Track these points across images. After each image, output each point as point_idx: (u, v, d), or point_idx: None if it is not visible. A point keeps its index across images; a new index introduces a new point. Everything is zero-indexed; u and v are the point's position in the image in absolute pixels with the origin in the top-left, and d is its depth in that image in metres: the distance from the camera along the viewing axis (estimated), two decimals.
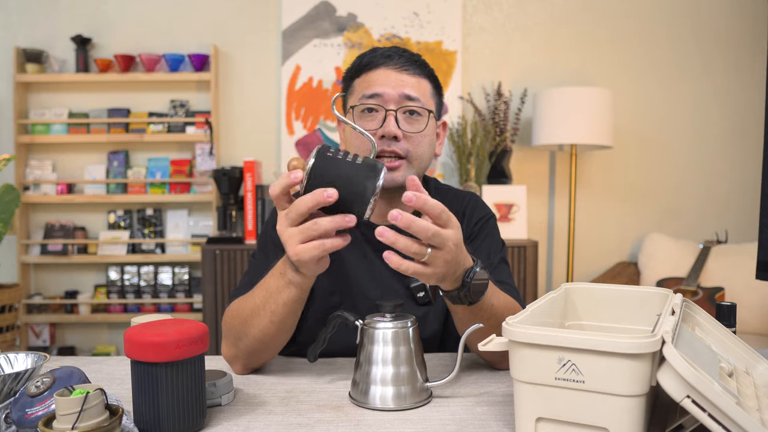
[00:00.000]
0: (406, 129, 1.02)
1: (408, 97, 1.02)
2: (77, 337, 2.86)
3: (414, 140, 1.03)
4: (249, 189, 2.57)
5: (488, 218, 1.16)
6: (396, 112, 1.01)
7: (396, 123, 1.01)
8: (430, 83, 1.08)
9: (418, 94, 1.03)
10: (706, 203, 2.89)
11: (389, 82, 1.03)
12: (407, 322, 0.80)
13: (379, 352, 0.78)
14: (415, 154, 1.03)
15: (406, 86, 1.02)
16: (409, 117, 1.03)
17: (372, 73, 1.05)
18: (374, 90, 1.02)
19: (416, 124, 1.03)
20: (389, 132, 1.00)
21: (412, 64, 1.05)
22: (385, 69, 1.04)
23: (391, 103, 1.02)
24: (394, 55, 1.05)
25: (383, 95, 1.02)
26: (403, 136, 1.01)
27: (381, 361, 0.77)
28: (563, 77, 2.84)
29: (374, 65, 1.05)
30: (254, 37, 2.83)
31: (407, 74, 1.04)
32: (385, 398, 0.76)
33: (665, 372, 0.56)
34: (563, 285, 0.88)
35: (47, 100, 2.83)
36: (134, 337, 0.65)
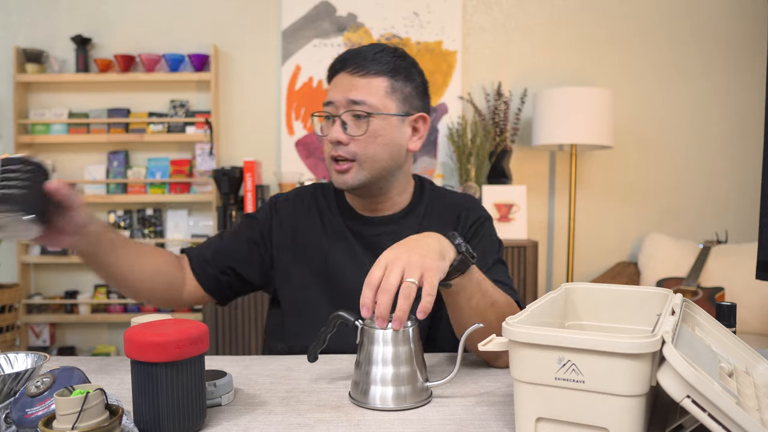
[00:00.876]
0: (353, 132, 1.04)
1: (353, 101, 1.03)
2: (77, 337, 2.86)
3: (361, 142, 1.04)
4: (249, 189, 2.57)
5: (483, 220, 1.16)
6: (341, 117, 1.04)
7: (342, 128, 1.04)
8: (388, 79, 1.06)
9: (365, 96, 1.03)
10: (706, 203, 2.89)
11: (340, 88, 1.05)
12: (407, 322, 0.80)
13: (379, 352, 0.78)
14: (364, 156, 1.04)
15: (353, 90, 1.04)
16: (356, 120, 1.04)
17: (333, 80, 1.09)
18: (328, 98, 1.07)
19: (363, 126, 1.04)
20: (332, 138, 1.04)
21: (366, 63, 1.05)
22: (342, 75, 1.07)
23: (340, 109, 1.05)
24: (350, 58, 1.06)
25: (334, 102, 1.05)
26: (348, 140, 1.04)
27: (381, 361, 0.77)
28: (563, 77, 2.84)
29: (334, 71, 1.09)
30: (254, 37, 2.83)
31: (359, 76, 1.05)
32: (385, 398, 0.76)
33: (665, 372, 0.56)
34: (563, 285, 0.88)
35: (47, 100, 2.83)
36: (134, 337, 0.65)
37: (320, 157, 2.85)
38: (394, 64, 1.07)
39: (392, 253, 0.80)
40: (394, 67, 1.07)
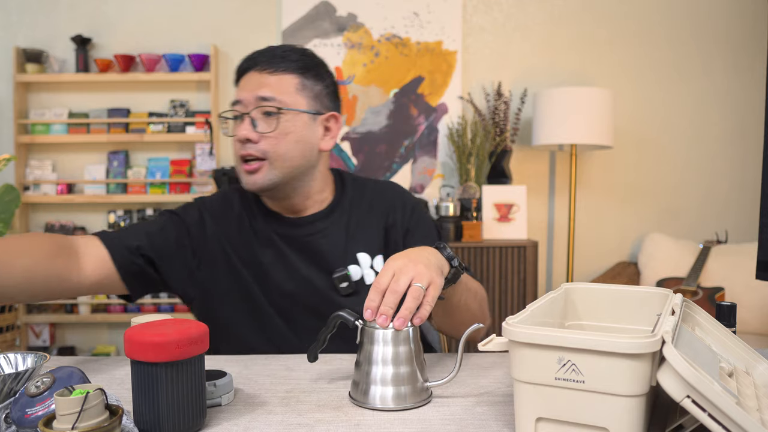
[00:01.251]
0: (262, 129, 1.01)
1: (262, 98, 1.01)
2: (77, 337, 2.86)
3: (271, 140, 1.02)
4: None
5: (418, 206, 1.17)
6: (250, 115, 1.02)
7: (252, 125, 1.01)
8: (297, 77, 1.05)
9: (275, 93, 1.02)
10: (706, 203, 2.89)
11: (250, 86, 1.03)
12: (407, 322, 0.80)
13: (379, 352, 0.77)
14: (275, 155, 1.02)
15: (262, 87, 1.02)
16: (267, 117, 1.02)
17: (242, 79, 1.06)
18: (236, 97, 1.04)
19: (273, 123, 1.02)
20: (241, 136, 1.01)
21: (275, 60, 1.04)
22: (250, 73, 1.04)
23: (248, 107, 1.02)
24: (258, 56, 1.05)
25: (242, 100, 1.03)
26: (258, 137, 1.01)
27: (381, 361, 0.77)
28: (563, 77, 2.84)
29: (242, 71, 1.06)
30: (254, 37, 2.83)
31: (268, 73, 1.03)
32: (385, 398, 0.76)
33: (665, 372, 0.56)
34: (563, 285, 0.88)
35: (47, 100, 2.83)
36: (134, 337, 0.65)
37: None
38: (304, 62, 1.06)
39: (399, 262, 0.81)
40: (304, 64, 1.06)
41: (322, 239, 1.09)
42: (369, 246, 1.11)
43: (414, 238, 1.12)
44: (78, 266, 0.96)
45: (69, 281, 0.95)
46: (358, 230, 1.11)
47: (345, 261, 1.09)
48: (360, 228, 1.12)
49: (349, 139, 2.86)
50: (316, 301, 1.07)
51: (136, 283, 1.05)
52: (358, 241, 1.10)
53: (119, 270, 1.01)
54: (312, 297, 1.07)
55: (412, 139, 2.86)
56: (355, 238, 1.11)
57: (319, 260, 1.08)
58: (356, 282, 1.08)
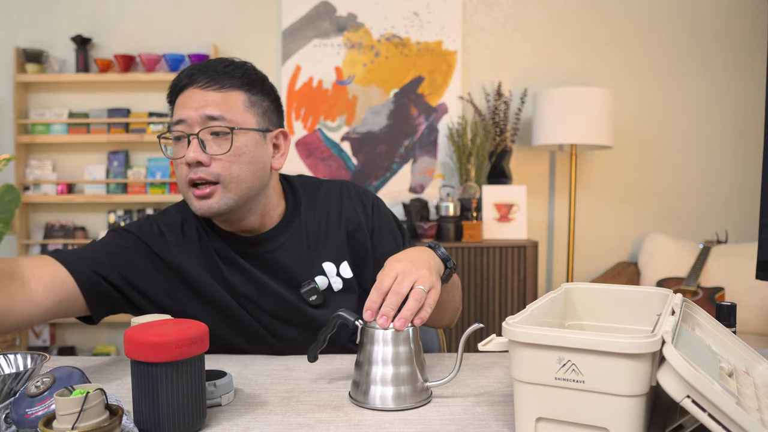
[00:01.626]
0: (213, 151, 0.94)
1: (210, 117, 0.94)
2: (77, 337, 2.86)
3: (224, 161, 0.95)
4: None
5: (377, 203, 1.15)
6: (198, 136, 0.94)
7: (201, 147, 0.94)
8: (244, 93, 0.99)
9: (222, 112, 0.95)
10: (706, 203, 2.89)
11: (193, 104, 0.95)
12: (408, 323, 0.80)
13: (379, 353, 0.77)
14: (229, 177, 0.95)
15: (207, 106, 0.95)
16: (216, 138, 0.95)
17: (181, 96, 0.98)
18: (178, 116, 0.96)
19: (224, 144, 0.95)
20: (191, 159, 0.93)
21: (218, 77, 0.97)
22: (192, 89, 0.97)
23: (195, 127, 0.95)
24: (198, 72, 0.98)
25: (186, 120, 0.95)
26: (210, 159, 0.94)
27: (381, 361, 0.77)
28: (563, 77, 2.84)
29: (182, 87, 0.99)
30: (254, 37, 2.83)
31: (212, 90, 0.96)
32: (385, 398, 0.76)
33: (665, 372, 0.56)
34: (563, 285, 0.88)
35: (47, 100, 2.83)
36: (134, 337, 0.65)
37: (320, 157, 2.85)
38: (248, 77, 1.00)
39: (402, 264, 0.82)
40: (249, 80, 1.00)
41: (283, 254, 1.06)
42: (333, 254, 1.08)
43: (380, 236, 1.11)
44: (25, 296, 0.88)
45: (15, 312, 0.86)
46: (319, 240, 1.08)
47: (310, 273, 1.06)
48: (321, 237, 1.08)
49: (349, 139, 2.86)
50: (289, 314, 1.05)
51: (100, 303, 0.99)
52: (321, 250, 1.08)
53: (83, 290, 0.95)
54: (284, 310, 1.05)
55: (412, 139, 2.86)
56: (318, 247, 1.08)
57: (284, 275, 1.05)
58: (324, 291, 1.07)
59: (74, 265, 0.95)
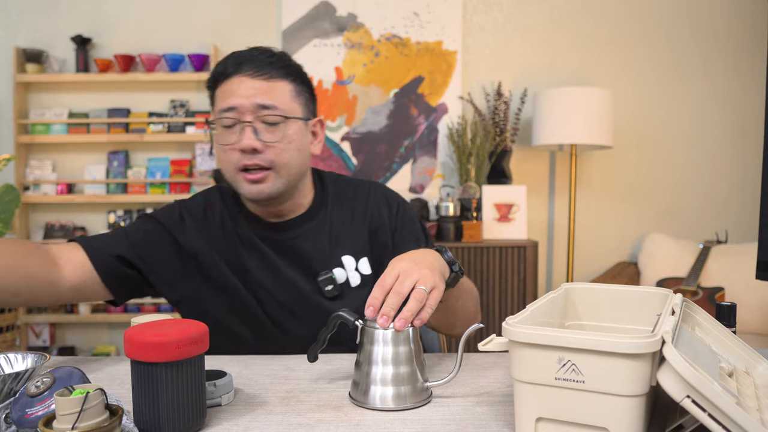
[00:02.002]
0: (267, 139, 0.99)
1: (262, 106, 0.98)
2: (77, 337, 2.86)
3: (277, 149, 1.00)
4: None
5: (403, 204, 1.17)
6: (252, 124, 0.98)
7: (254, 134, 0.98)
8: (290, 83, 1.03)
9: (274, 101, 0.99)
10: (706, 203, 2.89)
11: (243, 92, 0.99)
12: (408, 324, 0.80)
13: (379, 352, 0.77)
14: (280, 163, 1.00)
15: (259, 94, 0.99)
16: (268, 126, 1.00)
17: (227, 83, 1.01)
18: (229, 103, 0.99)
19: (277, 132, 1.00)
20: (246, 146, 0.98)
21: (266, 66, 1.01)
22: (239, 77, 1.00)
23: (246, 114, 0.98)
24: (246, 60, 1.01)
25: (238, 107, 0.99)
26: (263, 147, 0.99)
27: (381, 361, 0.77)
28: (563, 77, 2.84)
29: (228, 74, 1.01)
30: (254, 37, 2.83)
31: (261, 80, 1.00)
32: (385, 398, 0.76)
33: (665, 372, 0.56)
34: (563, 285, 0.88)
35: (47, 100, 2.83)
36: (134, 337, 0.65)
37: (320, 156, 2.85)
38: (292, 68, 1.04)
39: (404, 264, 0.82)
40: (293, 70, 1.04)
41: (306, 242, 1.08)
42: (353, 248, 1.10)
43: (402, 236, 1.12)
44: (57, 269, 0.94)
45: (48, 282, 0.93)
46: (341, 233, 1.10)
47: (329, 264, 1.08)
48: (344, 230, 1.11)
49: (349, 139, 2.86)
50: (301, 305, 1.06)
51: (119, 286, 1.03)
52: (343, 243, 1.10)
53: (100, 274, 0.99)
54: (296, 300, 1.07)
55: (412, 139, 2.86)
56: (339, 240, 1.10)
57: (303, 263, 1.07)
58: (341, 285, 1.08)
59: (94, 249, 1.00)
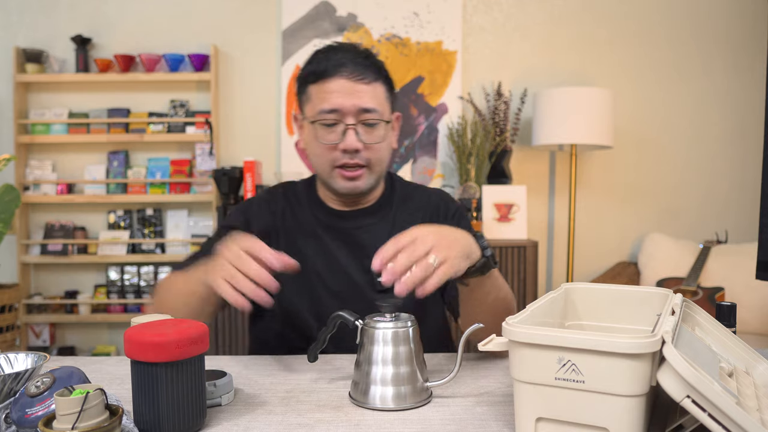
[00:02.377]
0: (366, 140, 1.05)
1: (365, 110, 1.03)
2: (77, 337, 2.86)
3: (374, 149, 1.06)
4: (249, 189, 2.57)
5: (461, 212, 1.20)
6: (356, 127, 1.04)
7: (356, 136, 1.03)
8: (384, 85, 1.08)
9: (375, 104, 1.04)
10: (706, 203, 2.89)
11: (345, 95, 1.03)
12: (407, 322, 0.80)
13: (379, 353, 0.78)
14: (376, 161, 1.07)
15: (362, 98, 1.03)
16: (367, 128, 1.05)
17: (327, 83, 1.04)
18: (331, 105, 1.03)
19: (375, 134, 1.06)
20: (350, 146, 1.03)
21: (365, 69, 1.05)
22: (339, 79, 1.03)
23: (349, 117, 1.03)
24: (347, 62, 1.04)
25: (341, 110, 1.03)
26: (363, 147, 1.04)
27: (381, 361, 0.77)
28: (563, 77, 2.84)
29: (328, 74, 1.04)
30: (254, 37, 2.83)
31: (363, 83, 1.04)
32: (385, 398, 0.76)
33: (665, 372, 0.56)
34: (563, 285, 0.88)
35: (47, 100, 2.83)
36: (134, 337, 0.65)
37: None
38: (384, 70, 1.09)
39: (424, 230, 0.81)
40: (385, 72, 1.10)
41: (366, 234, 1.13)
42: None
43: None
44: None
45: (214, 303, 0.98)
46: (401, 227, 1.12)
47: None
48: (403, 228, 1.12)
49: None
50: (354, 296, 1.09)
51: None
52: None
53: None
54: (349, 290, 1.09)
55: (412, 139, 2.86)
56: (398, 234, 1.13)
57: (360, 254, 1.11)
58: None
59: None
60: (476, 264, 0.87)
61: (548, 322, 0.78)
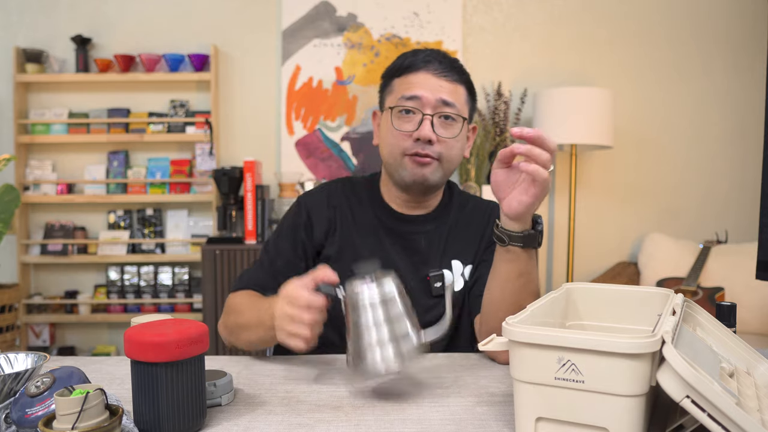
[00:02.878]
0: (440, 133, 1.06)
1: (445, 102, 1.05)
2: (77, 337, 2.86)
3: (447, 144, 1.07)
4: (249, 189, 2.57)
5: None
6: (432, 117, 1.05)
7: (431, 127, 1.05)
8: (465, 89, 1.11)
9: (454, 100, 1.06)
10: (706, 203, 2.89)
11: (428, 86, 1.06)
12: (389, 280, 0.80)
13: (370, 317, 0.77)
14: (447, 157, 1.07)
15: (443, 91, 1.06)
16: (444, 122, 1.07)
17: (412, 75, 1.08)
18: (413, 92, 1.06)
19: (450, 129, 1.07)
20: (425, 135, 1.04)
21: (450, 70, 1.08)
22: (425, 73, 1.07)
23: (428, 107, 1.05)
24: (434, 60, 1.08)
25: (421, 98, 1.05)
26: (437, 139, 1.05)
27: (374, 324, 0.76)
28: (563, 77, 2.84)
29: (415, 68, 1.08)
30: (254, 37, 2.83)
31: (446, 80, 1.07)
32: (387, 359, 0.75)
33: (665, 372, 0.56)
34: (564, 285, 0.88)
35: (47, 100, 2.83)
36: (134, 337, 0.65)
37: (320, 157, 2.85)
38: (468, 77, 1.12)
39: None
40: (469, 79, 1.12)
41: (423, 239, 1.14)
42: (463, 255, 1.14)
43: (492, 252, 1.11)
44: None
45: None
46: (456, 238, 1.15)
47: (439, 264, 1.12)
48: (458, 237, 1.15)
49: (349, 139, 2.86)
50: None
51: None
52: (454, 248, 1.14)
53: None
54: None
55: None
56: (453, 245, 1.15)
57: (416, 258, 1.12)
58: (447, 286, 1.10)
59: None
60: (525, 232, 0.89)
61: (549, 322, 0.78)
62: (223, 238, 2.50)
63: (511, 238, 0.89)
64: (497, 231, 0.91)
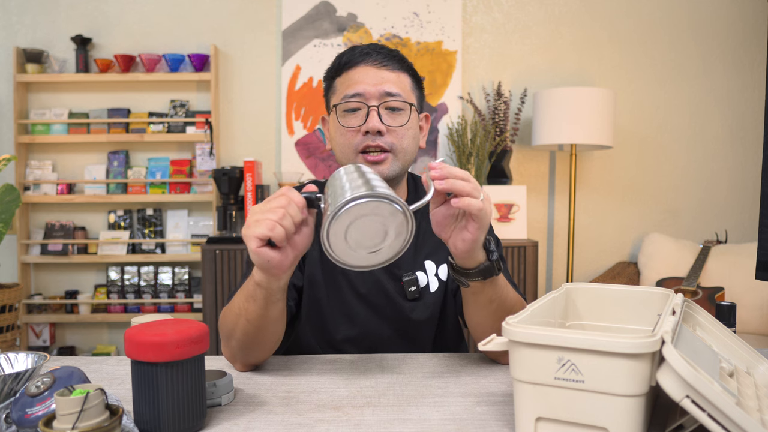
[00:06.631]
0: (389, 123, 1.04)
1: (388, 93, 1.04)
2: (77, 337, 2.86)
3: (398, 134, 1.05)
4: (249, 189, 2.57)
5: None
6: (378, 108, 1.03)
7: (379, 118, 1.03)
8: (409, 77, 1.09)
9: (399, 89, 1.05)
10: (706, 203, 2.89)
11: (369, 80, 1.04)
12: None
13: (347, 183, 0.74)
14: (399, 147, 1.05)
15: (386, 82, 1.04)
16: (391, 112, 1.05)
17: (352, 71, 1.07)
18: (355, 89, 1.04)
19: (398, 118, 1.05)
20: (372, 127, 1.02)
21: (390, 59, 1.07)
22: (364, 66, 1.06)
23: (372, 100, 1.04)
24: (372, 52, 1.06)
25: (364, 93, 1.04)
26: (386, 130, 1.04)
27: (350, 189, 0.72)
28: (563, 77, 2.84)
29: (354, 63, 1.07)
30: (254, 37, 2.83)
31: (386, 70, 1.06)
32: (355, 189, 0.72)
33: (664, 372, 0.56)
34: (564, 285, 0.88)
35: (47, 100, 2.83)
36: (134, 337, 0.65)
37: (320, 157, 2.85)
38: (410, 65, 1.11)
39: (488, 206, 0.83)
40: (411, 66, 1.11)
41: None
42: (436, 254, 1.12)
43: None
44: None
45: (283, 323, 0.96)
46: (426, 238, 1.12)
47: (413, 266, 1.10)
48: (429, 235, 1.11)
49: None
50: (378, 299, 1.08)
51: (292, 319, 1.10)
52: (426, 248, 1.12)
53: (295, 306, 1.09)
54: (378, 296, 1.09)
55: None
56: (424, 245, 1.12)
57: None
58: (422, 288, 1.09)
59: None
60: (479, 266, 0.85)
61: (549, 322, 0.78)
62: (223, 238, 2.50)
63: (468, 276, 0.86)
64: (454, 275, 0.88)
